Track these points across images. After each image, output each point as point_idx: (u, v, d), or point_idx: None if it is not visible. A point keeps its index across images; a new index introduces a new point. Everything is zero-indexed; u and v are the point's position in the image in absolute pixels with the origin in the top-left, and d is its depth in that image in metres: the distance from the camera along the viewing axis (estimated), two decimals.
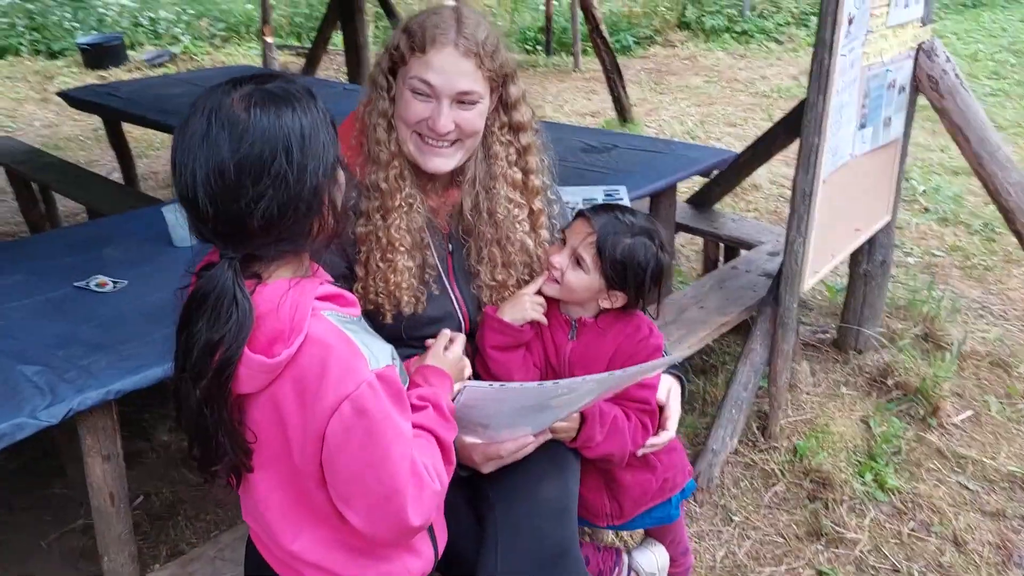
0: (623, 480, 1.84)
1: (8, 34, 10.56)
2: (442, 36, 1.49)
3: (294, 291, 1.14)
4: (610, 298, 1.74)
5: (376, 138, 1.57)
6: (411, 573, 1.34)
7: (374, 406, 1.13)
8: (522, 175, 1.69)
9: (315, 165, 1.12)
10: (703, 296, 2.95)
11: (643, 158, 3.13)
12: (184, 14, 11.35)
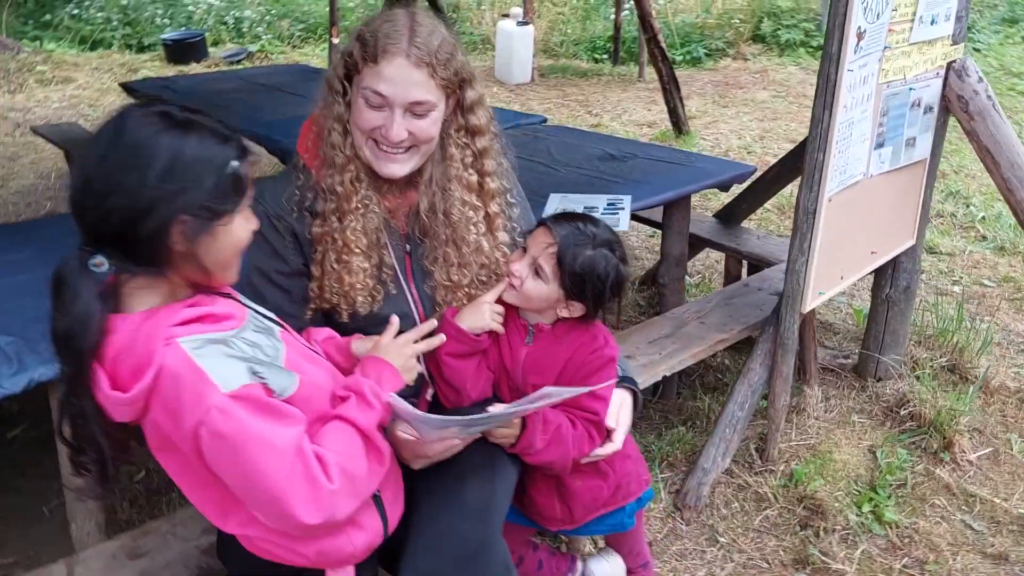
0: (573, 486, 1.83)
1: (103, 28, 11.11)
2: (393, 46, 1.50)
3: (148, 324, 1.20)
4: (568, 308, 1.73)
5: (331, 142, 1.60)
6: (355, 546, 1.38)
7: (228, 427, 1.17)
8: (477, 177, 1.70)
9: (169, 194, 1.16)
10: (706, 312, 2.89)
11: (660, 169, 3.09)
12: (268, 14, 11.74)
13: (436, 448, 1.51)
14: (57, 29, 11.30)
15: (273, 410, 1.22)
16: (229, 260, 1.29)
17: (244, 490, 1.24)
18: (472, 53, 10.36)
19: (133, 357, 1.17)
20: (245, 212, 1.29)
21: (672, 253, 3.12)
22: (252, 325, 1.33)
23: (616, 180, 2.96)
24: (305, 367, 1.37)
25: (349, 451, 1.29)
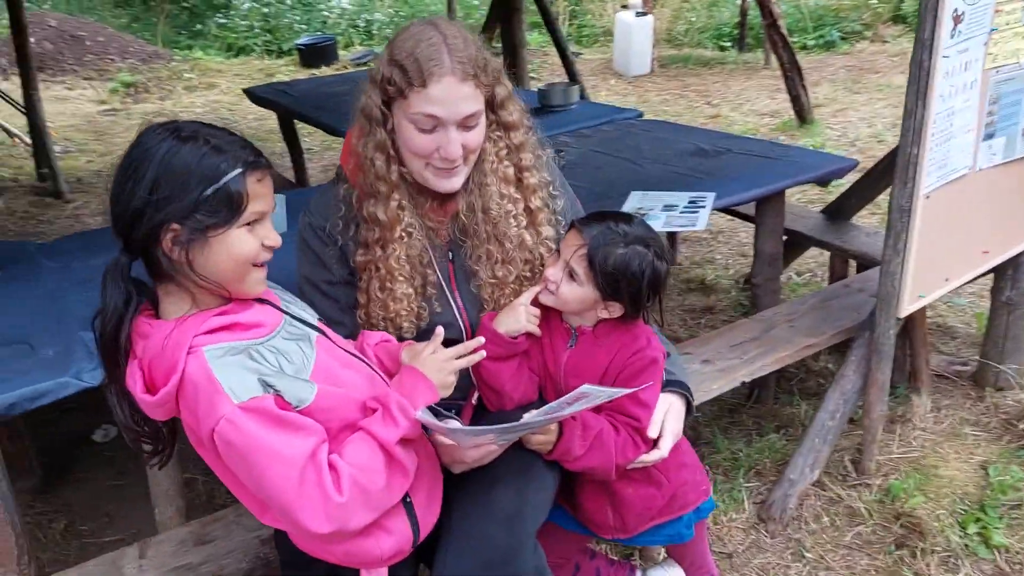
0: (624, 494, 1.78)
1: (247, 36, 11.77)
2: (438, 67, 1.48)
3: (177, 331, 1.26)
4: (608, 308, 1.69)
5: (375, 172, 1.60)
6: (383, 550, 1.41)
7: (237, 438, 1.22)
8: (515, 171, 1.69)
9: (156, 202, 1.21)
10: (799, 314, 2.75)
11: (753, 163, 2.96)
12: (396, 16, 12.09)
13: (473, 454, 1.52)
14: (206, 38, 12.08)
15: (284, 422, 1.25)
16: (232, 271, 1.29)
17: (260, 494, 1.29)
18: (593, 45, 10.29)
19: (163, 362, 1.25)
20: (251, 226, 1.30)
21: (765, 251, 2.98)
22: (284, 333, 1.37)
23: (703, 176, 2.85)
24: (340, 374, 1.40)
25: (368, 464, 1.31)
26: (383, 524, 1.41)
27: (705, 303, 3.97)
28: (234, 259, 1.28)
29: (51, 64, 9.86)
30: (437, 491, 1.55)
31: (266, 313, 1.38)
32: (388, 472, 1.34)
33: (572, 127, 3.66)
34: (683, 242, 4.65)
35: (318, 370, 1.36)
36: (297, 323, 1.43)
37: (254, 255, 1.31)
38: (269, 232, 1.33)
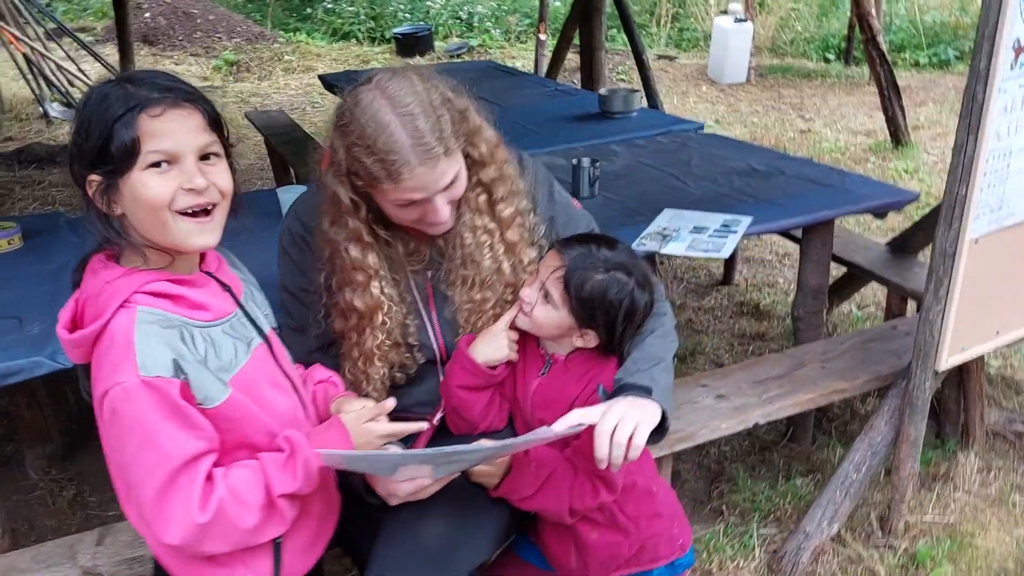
0: (587, 538, 1.67)
1: (352, 22, 11.99)
2: (405, 167, 1.38)
3: (121, 280, 1.20)
4: (583, 337, 1.59)
5: (351, 263, 1.52)
6: None
7: (125, 410, 1.15)
8: (487, 198, 1.60)
9: (74, 154, 1.19)
10: (835, 354, 2.55)
11: (803, 188, 2.77)
12: (499, 10, 12.07)
13: (406, 487, 1.43)
14: (313, 22, 12.36)
15: (181, 413, 1.18)
16: (150, 219, 1.19)
17: (121, 480, 1.20)
18: (691, 50, 10.01)
19: (96, 303, 1.19)
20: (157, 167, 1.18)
21: (808, 283, 2.78)
22: (227, 326, 1.30)
23: (746, 199, 2.68)
24: (264, 391, 1.33)
25: (244, 498, 1.23)
26: (244, 559, 1.31)
27: (756, 329, 3.77)
28: (144, 204, 1.17)
29: (162, 39, 10.29)
30: (322, 537, 1.45)
31: (219, 299, 1.31)
32: (262, 515, 1.25)
33: (627, 135, 3.52)
34: (744, 262, 4.44)
35: (241, 377, 1.28)
36: (247, 322, 1.36)
37: (165, 199, 1.18)
38: (191, 175, 1.19)
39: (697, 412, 2.26)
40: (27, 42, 7.36)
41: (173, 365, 1.17)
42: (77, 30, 10.31)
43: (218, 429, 1.24)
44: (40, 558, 1.82)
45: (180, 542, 1.18)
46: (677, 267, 4.41)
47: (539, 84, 4.75)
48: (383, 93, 1.39)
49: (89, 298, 1.21)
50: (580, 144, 3.41)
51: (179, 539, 1.18)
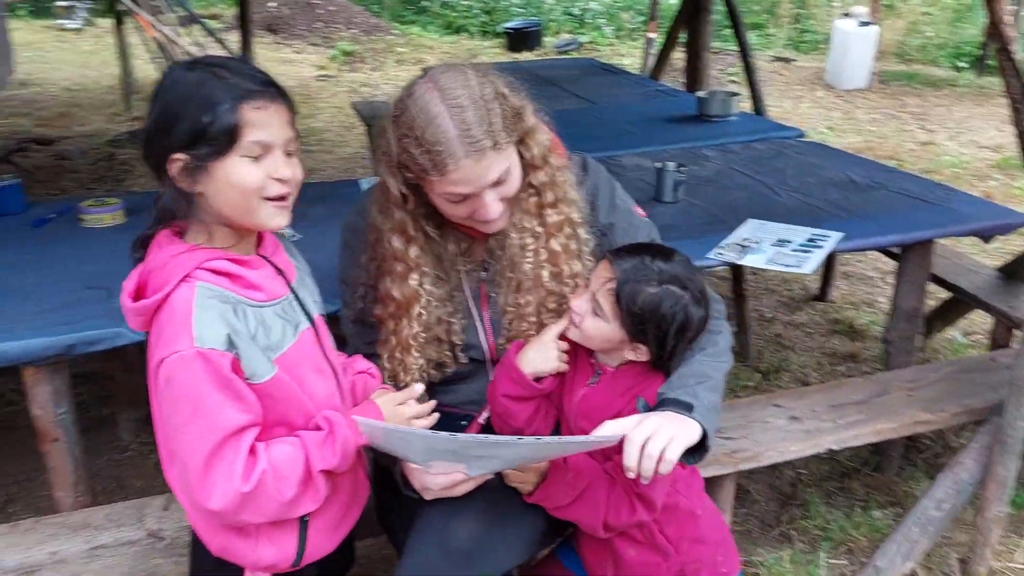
0: (625, 555, 1.63)
1: (466, 16, 12.15)
2: (451, 159, 1.37)
3: (185, 255, 1.26)
4: (635, 350, 1.55)
5: (392, 252, 1.53)
6: (258, 557, 1.37)
7: (180, 378, 1.20)
8: (537, 206, 1.57)
9: (160, 130, 1.22)
10: (926, 383, 2.40)
11: (903, 205, 2.62)
12: (612, 7, 11.98)
13: (439, 481, 1.43)
14: (428, 15, 12.59)
15: (230, 385, 1.23)
16: (238, 203, 1.26)
17: (167, 446, 1.26)
18: (810, 53, 9.66)
19: (159, 276, 1.25)
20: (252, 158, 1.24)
21: (903, 306, 2.63)
22: (279, 308, 1.35)
23: (840, 213, 2.56)
24: (306, 374, 1.36)
25: (286, 472, 1.27)
26: (268, 532, 1.36)
27: (849, 349, 3.60)
28: (236, 189, 1.24)
29: (285, 28, 10.69)
30: (347, 521, 1.47)
31: (273, 281, 1.35)
32: (299, 489, 1.29)
33: (722, 140, 3.42)
34: (843, 278, 4.25)
35: (286, 358, 1.32)
36: (297, 306, 1.40)
37: (258, 186, 1.25)
38: (279, 166, 1.27)
39: (766, 432, 2.17)
40: (159, 28, 7.77)
41: (227, 340, 1.22)
42: (209, 17, 10.83)
43: (261, 405, 1.28)
44: (112, 517, 1.92)
45: (221, 508, 1.23)
46: (769, 279, 4.27)
47: (639, 84, 4.68)
48: (435, 85, 1.39)
49: (153, 270, 1.26)
50: (672, 147, 3.34)
51: (221, 505, 1.22)
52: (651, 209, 2.64)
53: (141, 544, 1.82)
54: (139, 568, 1.76)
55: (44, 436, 1.98)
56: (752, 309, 3.95)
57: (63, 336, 1.85)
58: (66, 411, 1.97)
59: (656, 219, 2.54)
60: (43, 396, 1.93)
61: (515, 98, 1.46)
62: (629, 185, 2.83)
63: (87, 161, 6.09)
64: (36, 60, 9.38)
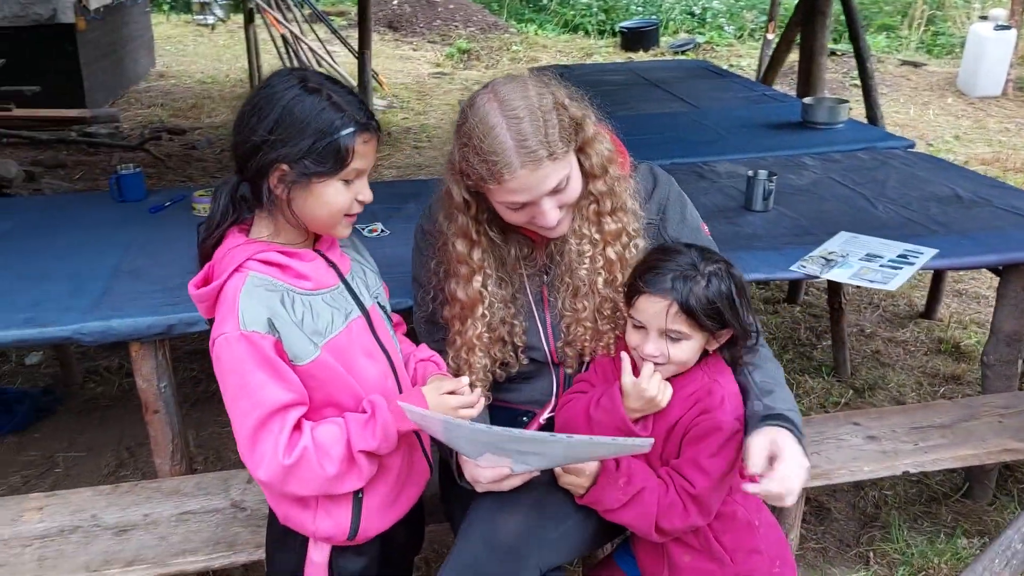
0: (680, 561, 1.65)
1: (584, 14, 12.15)
2: (507, 169, 1.43)
3: (240, 248, 1.38)
4: (717, 339, 1.57)
5: (456, 256, 1.60)
6: (317, 528, 1.47)
7: (226, 357, 1.31)
8: (596, 210, 1.60)
9: (272, 143, 1.32)
10: (1017, 410, 2.28)
11: (1009, 223, 2.49)
12: (734, 6, 11.72)
13: (487, 474, 1.49)
14: (547, 13, 12.66)
15: (272, 365, 1.32)
16: (325, 218, 1.39)
17: (229, 412, 1.36)
18: (944, 57, 9.18)
19: (221, 266, 1.38)
20: (350, 182, 1.37)
21: (1002, 329, 2.50)
22: (327, 297, 1.43)
23: (938, 228, 2.46)
24: (356, 359, 1.44)
25: (327, 449, 1.36)
26: (326, 506, 1.46)
27: (952, 371, 3.44)
28: (328, 208, 1.37)
29: (405, 26, 10.99)
30: (403, 501, 1.55)
31: (323, 273, 1.45)
32: (341, 467, 1.38)
33: (824, 148, 3.34)
34: (954, 296, 4.06)
35: (333, 344, 1.41)
36: (348, 296, 1.48)
37: (347, 207, 1.39)
38: (363, 189, 1.41)
39: (840, 450, 2.13)
40: (285, 25, 8.16)
41: (268, 323, 1.32)
42: (335, 14, 11.29)
43: (306, 386, 1.37)
44: (202, 485, 2.08)
45: (267, 479, 1.34)
46: (874, 293, 4.12)
47: (746, 87, 4.59)
48: (495, 96, 1.45)
49: (216, 262, 1.39)
50: (770, 154, 3.28)
51: (266, 476, 1.33)
52: (740, 217, 2.63)
53: (224, 513, 1.96)
54: (220, 534, 1.89)
55: (147, 407, 2.16)
56: (853, 324, 3.84)
57: (165, 316, 2.02)
58: (167, 385, 2.14)
59: (743, 228, 2.55)
60: (147, 370, 2.10)
61: (575, 108, 1.50)
62: (719, 192, 2.84)
63: (213, 151, 6.48)
64: (175, 53, 10.02)
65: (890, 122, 6.94)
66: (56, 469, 2.90)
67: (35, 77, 6.82)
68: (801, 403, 3.22)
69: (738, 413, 1.56)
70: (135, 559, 1.82)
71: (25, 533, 1.90)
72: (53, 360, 3.53)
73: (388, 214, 2.67)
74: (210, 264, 1.40)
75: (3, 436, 3.07)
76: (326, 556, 1.51)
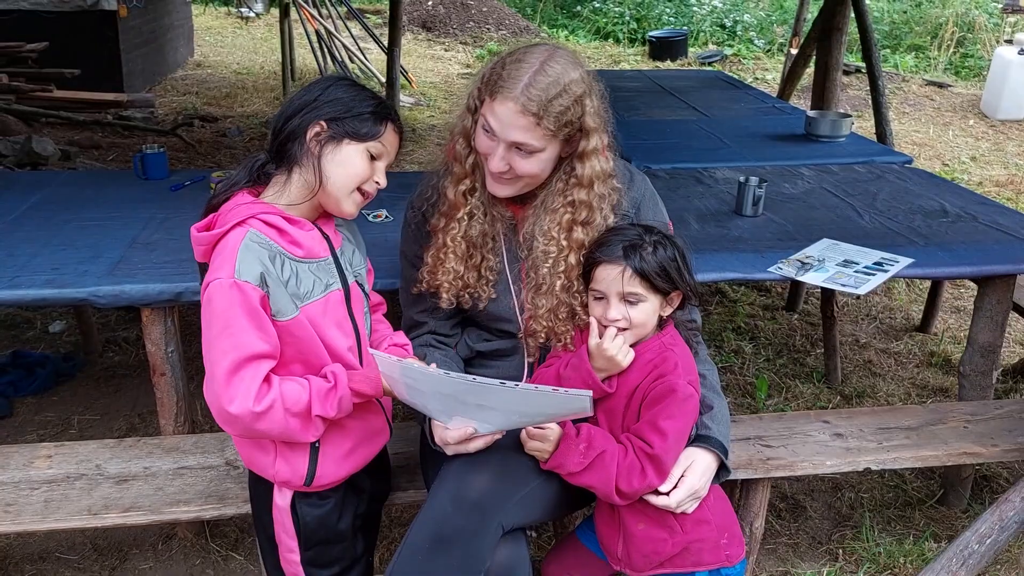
0: (631, 527, 1.76)
1: (616, 22, 12.25)
2: (506, 91, 1.58)
3: (247, 205, 1.52)
4: (670, 303, 1.72)
5: (456, 153, 1.74)
6: (276, 472, 1.62)
7: (217, 300, 1.44)
8: (571, 218, 1.73)
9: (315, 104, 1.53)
10: (986, 417, 2.34)
11: (987, 237, 2.57)
12: (766, 20, 11.76)
13: (453, 435, 1.61)
14: (580, 20, 12.78)
15: (256, 315, 1.45)
16: (342, 183, 1.54)
17: (205, 354, 1.48)
18: (971, 79, 9.17)
19: (225, 217, 1.52)
20: (373, 157, 1.56)
21: (977, 340, 2.57)
22: (314, 266, 1.57)
23: (918, 240, 2.55)
24: (326, 327, 1.57)
25: (289, 405, 1.50)
26: (284, 453, 1.60)
27: (941, 383, 3.51)
28: (349, 171, 1.55)
29: (439, 26, 11.17)
30: (360, 453, 1.68)
31: (315, 244, 1.58)
32: (301, 422, 1.53)
33: (822, 160, 3.43)
34: (952, 312, 4.12)
35: (311, 308, 1.54)
36: (333, 270, 1.62)
37: (364, 178, 1.56)
38: (381, 174, 1.60)
39: (805, 445, 2.22)
40: (320, 21, 8.36)
41: (260, 277, 1.46)
42: (371, 12, 11.50)
43: (282, 341, 1.51)
44: (199, 444, 2.22)
45: (239, 413, 1.45)
46: (872, 305, 4.19)
47: (757, 99, 4.68)
48: (550, 50, 1.64)
49: (222, 213, 1.53)
50: (769, 163, 3.38)
51: (238, 411, 1.45)
52: (729, 221, 2.74)
53: (218, 470, 2.10)
54: (213, 489, 2.03)
55: (154, 370, 2.31)
56: (848, 333, 3.91)
57: (175, 284, 2.16)
58: (173, 349, 2.29)
59: (730, 231, 2.66)
60: (156, 335, 2.25)
61: (591, 119, 1.65)
62: (713, 197, 2.95)
63: (243, 139, 6.67)
64: (213, 44, 10.28)
65: (908, 141, 6.99)
66: (70, 430, 3.07)
67: (76, 61, 7.08)
68: (788, 407, 3.31)
69: (691, 378, 1.69)
70: (132, 506, 1.96)
71: (34, 478, 2.05)
72: (75, 329, 3.71)
73: (394, 202, 2.80)
74: (216, 214, 1.54)
75: (24, 397, 3.24)
76: (288, 501, 1.65)
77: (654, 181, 1.96)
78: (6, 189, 2.88)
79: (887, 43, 10.61)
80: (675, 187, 3.04)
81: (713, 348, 3.76)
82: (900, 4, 11.79)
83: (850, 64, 9.52)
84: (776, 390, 3.44)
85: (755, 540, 2.26)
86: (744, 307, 4.18)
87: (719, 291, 4.34)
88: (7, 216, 2.60)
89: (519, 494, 1.65)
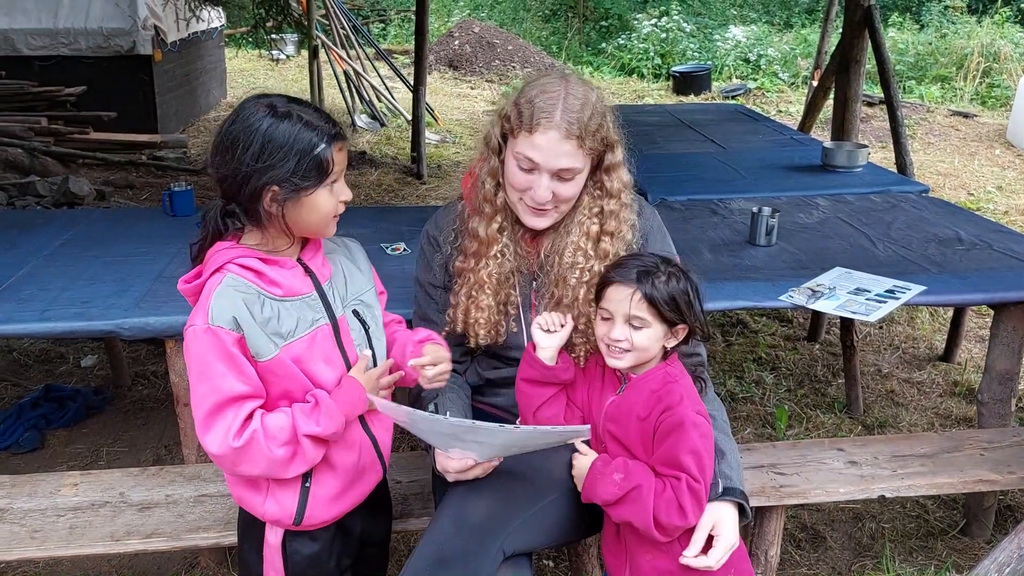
0: (637, 555, 1.76)
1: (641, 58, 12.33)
2: (546, 120, 1.63)
3: (224, 251, 1.54)
4: (675, 335, 1.72)
5: (484, 194, 1.78)
6: (265, 511, 1.62)
7: (193, 346, 1.49)
8: (599, 229, 1.77)
9: (259, 170, 1.47)
10: (1001, 445, 2.33)
11: (1002, 265, 2.56)
12: (790, 54, 11.81)
13: (454, 464, 1.64)
14: (605, 56, 12.94)
15: (232, 359, 1.48)
16: (317, 223, 1.56)
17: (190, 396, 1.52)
18: (998, 109, 9.12)
19: (207, 265, 1.56)
20: (332, 187, 1.54)
21: (995, 367, 2.56)
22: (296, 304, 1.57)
23: (931, 268, 2.55)
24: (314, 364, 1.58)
25: (274, 434, 1.51)
26: (275, 491, 1.61)
27: (965, 413, 3.48)
28: (319, 213, 1.55)
29: (465, 65, 11.37)
30: (352, 495, 1.68)
31: (296, 280, 1.58)
32: (288, 449, 1.52)
33: (840, 190, 3.45)
34: (976, 341, 4.07)
35: (294, 347, 1.55)
36: (319, 305, 1.61)
37: (334, 210, 1.58)
38: (343, 189, 1.58)
39: (819, 472, 2.22)
40: (348, 62, 8.56)
41: (233, 321, 1.49)
42: (400, 52, 11.73)
43: (264, 380, 1.53)
44: (220, 472, 2.23)
45: (218, 453, 1.49)
46: (895, 335, 4.17)
47: (776, 131, 4.71)
48: (566, 77, 1.69)
49: (206, 261, 1.57)
50: (785, 194, 3.40)
51: (218, 451, 1.48)
52: (742, 251, 2.77)
53: None
54: (233, 515, 2.06)
55: (178, 400, 2.37)
56: (871, 363, 3.89)
57: None
58: None
59: (743, 260, 2.69)
60: (180, 366, 2.32)
61: (613, 133, 1.72)
62: (727, 227, 2.98)
63: None
64: (246, 85, 10.54)
65: (933, 171, 6.97)
66: (99, 462, 3.14)
67: (113, 104, 7.31)
68: (808, 436, 3.29)
69: (698, 408, 1.70)
70: (154, 532, 2.02)
71: (60, 505, 2.12)
72: (106, 363, 3.80)
73: (412, 235, 2.87)
74: (201, 265, 1.58)
75: (55, 429, 3.33)
76: (279, 539, 1.66)
77: (669, 213, 2.01)
78: (42, 227, 3.00)
79: (912, 74, 10.60)
80: (689, 218, 3.08)
81: (734, 378, 3.76)
82: (925, 35, 11.79)
83: (873, 96, 9.51)
84: (797, 420, 3.43)
85: (770, 569, 2.25)
86: (765, 337, 4.18)
87: (740, 322, 4.34)
88: (41, 252, 2.71)
89: (520, 518, 1.68)
